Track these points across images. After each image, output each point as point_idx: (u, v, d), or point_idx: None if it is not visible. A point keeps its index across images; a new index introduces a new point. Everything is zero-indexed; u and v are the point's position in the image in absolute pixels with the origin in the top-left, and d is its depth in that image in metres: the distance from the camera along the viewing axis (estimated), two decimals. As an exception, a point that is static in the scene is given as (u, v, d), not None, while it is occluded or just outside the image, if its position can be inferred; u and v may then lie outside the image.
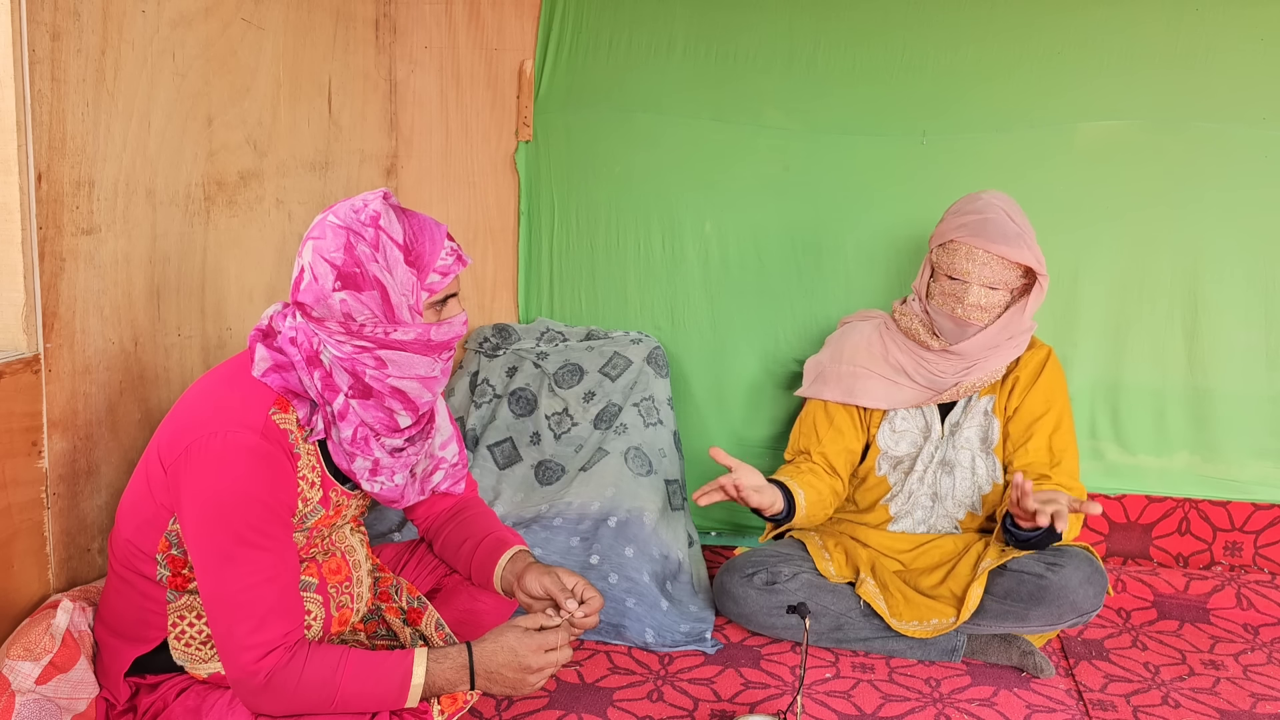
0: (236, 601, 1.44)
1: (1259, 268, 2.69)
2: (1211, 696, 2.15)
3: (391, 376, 1.51)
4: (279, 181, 2.35)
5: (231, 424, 1.45)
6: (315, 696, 1.46)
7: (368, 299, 1.46)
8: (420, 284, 1.50)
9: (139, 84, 1.84)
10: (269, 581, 1.45)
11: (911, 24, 2.77)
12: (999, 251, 2.17)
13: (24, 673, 1.49)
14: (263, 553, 1.45)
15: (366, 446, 1.55)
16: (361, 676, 1.47)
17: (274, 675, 1.44)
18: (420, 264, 1.50)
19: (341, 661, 1.47)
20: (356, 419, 1.53)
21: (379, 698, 1.49)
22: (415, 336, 1.50)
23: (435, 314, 1.55)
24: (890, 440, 2.39)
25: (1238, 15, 2.63)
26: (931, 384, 2.32)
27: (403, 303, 1.48)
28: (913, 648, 2.26)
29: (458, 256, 1.55)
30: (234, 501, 1.43)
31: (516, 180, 2.98)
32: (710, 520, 2.96)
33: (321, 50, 2.52)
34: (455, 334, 1.56)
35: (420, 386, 1.55)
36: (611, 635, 2.29)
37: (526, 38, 2.92)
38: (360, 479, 1.58)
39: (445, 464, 1.75)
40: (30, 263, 1.61)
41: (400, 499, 1.67)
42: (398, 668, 1.49)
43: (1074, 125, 2.73)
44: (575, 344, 2.88)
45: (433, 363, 1.55)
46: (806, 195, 2.85)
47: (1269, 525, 2.71)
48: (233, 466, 1.43)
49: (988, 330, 2.24)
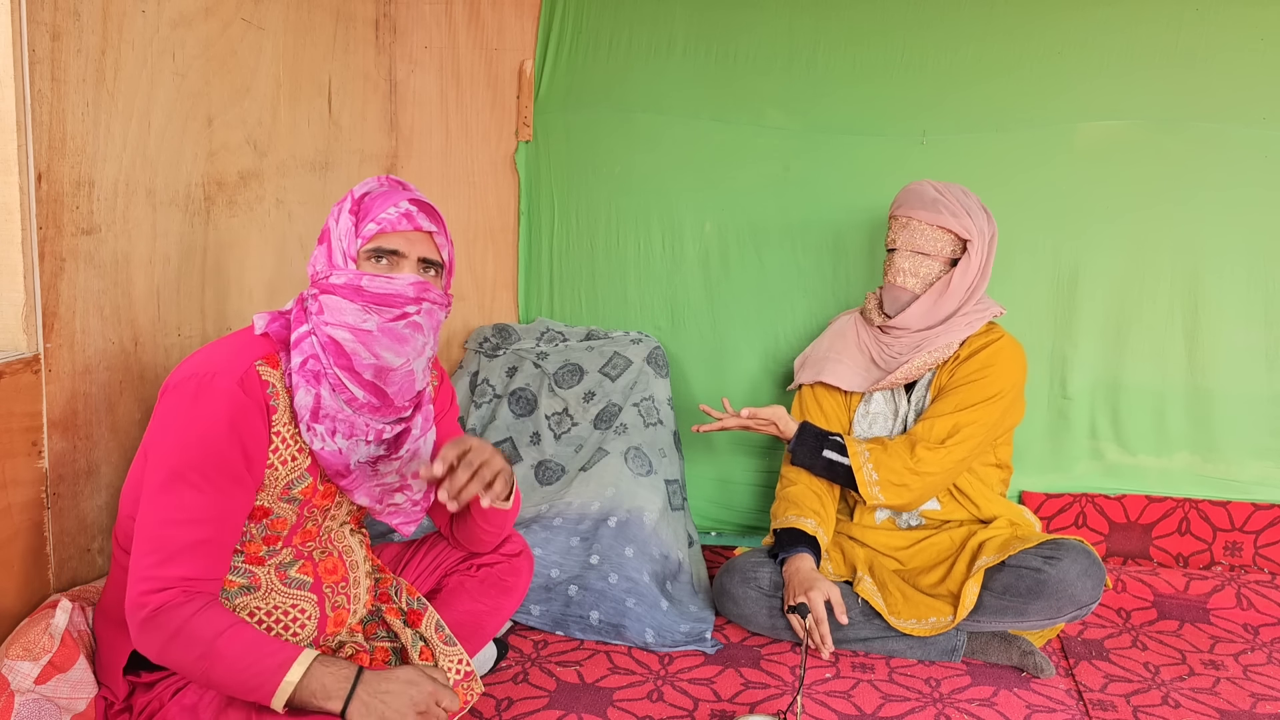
0: (154, 533, 1.44)
1: (1259, 267, 2.70)
2: (1211, 696, 2.15)
3: (328, 324, 1.52)
4: (279, 181, 2.35)
5: (213, 369, 1.48)
6: (188, 652, 1.40)
7: (321, 250, 1.57)
8: (355, 231, 1.54)
9: (139, 84, 1.84)
10: (194, 523, 1.44)
11: (911, 24, 2.77)
12: (918, 216, 2.32)
13: (23, 672, 1.49)
14: (199, 494, 1.44)
15: (315, 380, 1.52)
16: (240, 650, 1.40)
17: (159, 612, 1.41)
18: (363, 213, 1.55)
19: (229, 629, 1.41)
20: (309, 350, 1.53)
21: (247, 680, 1.40)
22: (346, 281, 1.52)
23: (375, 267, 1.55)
24: (864, 424, 2.43)
25: (1238, 15, 2.63)
26: (885, 364, 2.40)
27: (339, 248, 1.54)
28: (912, 648, 2.26)
29: (407, 215, 1.54)
30: (188, 439, 1.44)
31: (516, 180, 2.98)
32: (710, 520, 2.96)
33: (321, 50, 2.52)
34: (393, 290, 1.52)
35: (354, 339, 1.51)
36: (611, 635, 2.29)
37: (526, 38, 2.93)
38: (301, 420, 1.52)
39: (411, 494, 1.68)
40: (30, 263, 1.61)
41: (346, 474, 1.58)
42: (278, 654, 1.40)
43: (1074, 125, 2.73)
44: (575, 344, 2.88)
45: (362, 311, 1.51)
46: (806, 195, 2.86)
47: (1269, 525, 2.71)
48: (199, 406, 1.45)
49: (921, 299, 2.34)
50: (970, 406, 2.27)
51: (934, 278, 2.34)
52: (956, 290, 2.31)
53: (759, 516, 2.95)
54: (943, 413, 2.28)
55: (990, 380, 2.28)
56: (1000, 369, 2.30)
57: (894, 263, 2.36)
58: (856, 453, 2.24)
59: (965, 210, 2.32)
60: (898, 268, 2.35)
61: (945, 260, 2.33)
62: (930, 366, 2.35)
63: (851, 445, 2.28)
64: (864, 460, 2.24)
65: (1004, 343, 2.34)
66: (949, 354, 2.34)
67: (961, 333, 2.33)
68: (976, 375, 2.29)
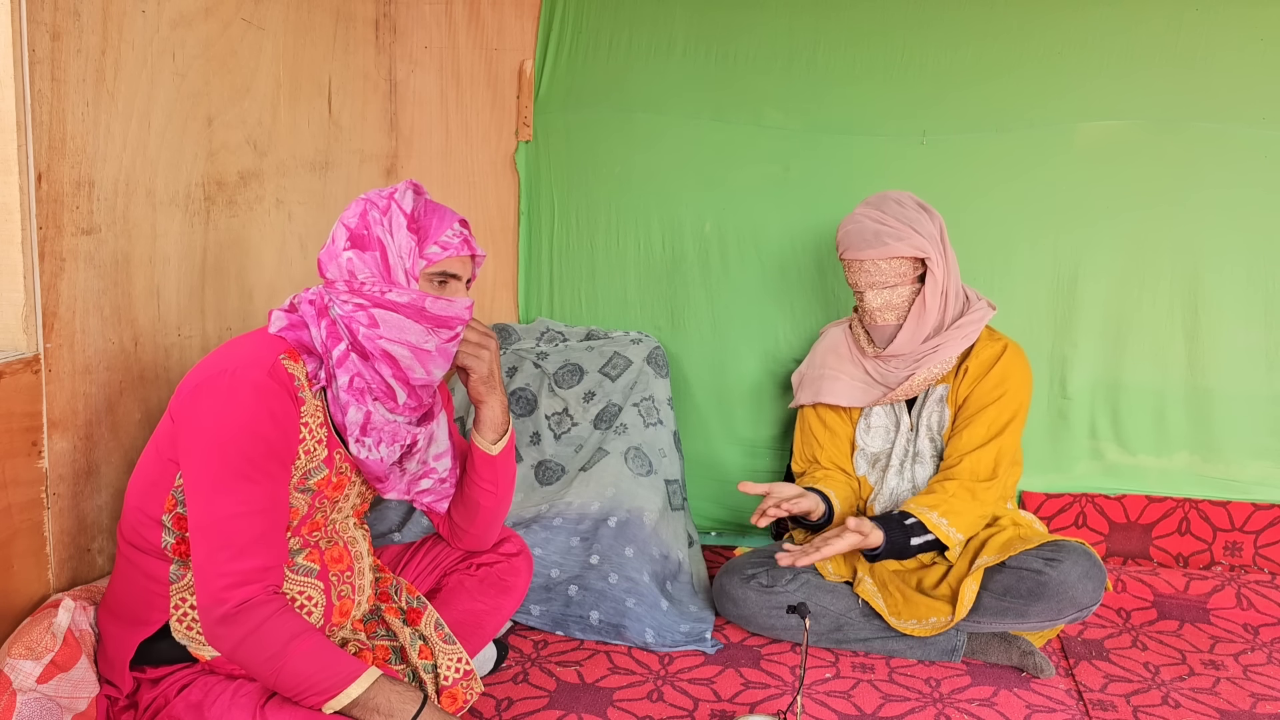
0: (221, 529, 1.45)
1: (1259, 267, 2.70)
2: (1211, 696, 2.15)
3: (383, 338, 1.54)
4: (279, 181, 2.35)
5: (240, 364, 1.49)
6: (263, 652, 1.44)
7: (369, 258, 1.54)
8: (419, 251, 1.55)
9: (139, 84, 1.84)
10: (257, 514, 1.47)
11: (911, 24, 2.77)
12: (868, 255, 2.26)
13: (25, 671, 1.49)
14: (255, 485, 1.47)
15: (362, 397, 1.56)
16: (312, 657, 1.44)
17: (241, 609, 1.43)
18: (423, 233, 1.57)
19: (302, 634, 1.45)
20: (354, 369, 1.55)
21: (312, 685, 1.44)
22: (409, 301, 1.54)
23: (434, 289, 1.58)
24: (865, 437, 2.42)
25: (1238, 15, 2.63)
26: (886, 381, 2.37)
27: (399, 265, 1.54)
28: (913, 648, 2.26)
29: (465, 240, 1.60)
30: (234, 433, 1.46)
31: (516, 180, 2.98)
32: (710, 520, 2.96)
33: (321, 50, 2.52)
34: (453, 313, 1.57)
35: (411, 356, 1.56)
36: (611, 635, 2.29)
37: (526, 38, 2.93)
38: (350, 435, 1.57)
39: (435, 475, 1.75)
40: (30, 263, 1.61)
41: (384, 479, 1.66)
42: (347, 666, 1.46)
43: (1074, 125, 2.73)
44: (575, 344, 2.88)
45: (425, 333, 1.56)
46: (806, 195, 2.86)
47: (1269, 525, 2.71)
48: (236, 399, 1.47)
49: (905, 327, 2.31)
50: (1001, 432, 2.27)
51: (909, 300, 2.30)
52: (932, 305, 2.29)
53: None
54: (978, 443, 2.26)
55: (1009, 397, 2.29)
56: (1015, 383, 2.30)
57: (865, 303, 2.32)
58: (935, 524, 2.19)
59: (910, 227, 2.26)
60: (872, 308, 2.32)
61: (912, 280, 2.29)
62: (933, 380, 2.33)
63: (925, 518, 2.21)
64: (944, 526, 2.20)
65: (1012, 354, 2.33)
66: (949, 368, 2.33)
67: (959, 346, 2.30)
68: (995, 394, 2.29)
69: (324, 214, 2.57)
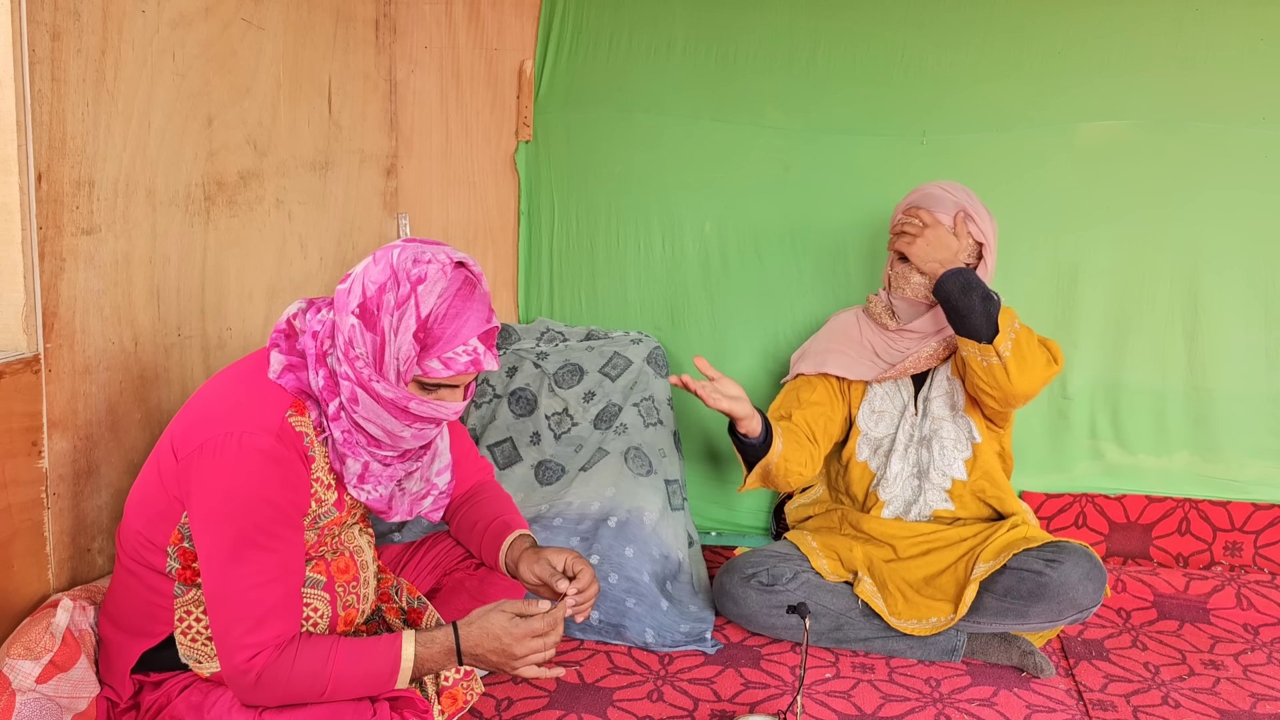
0: (238, 601, 1.44)
1: (1259, 268, 2.70)
2: (1211, 696, 2.15)
3: (359, 415, 1.51)
4: (279, 181, 2.35)
5: (248, 425, 1.45)
6: (308, 687, 1.47)
7: (369, 339, 1.46)
8: (417, 361, 1.46)
9: (139, 84, 1.84)
10: (272, 583, 1.46)
11: (911, 24, 2.77)
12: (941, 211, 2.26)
13: (24, 672, 1.49)
14: (269, 554, 1.46)
15: (356, 450, 1.55)
16: (352, 663, 1.49)
17: (264, 673, 1.45)
18: (428, 345, 1.46)
19: (332, 651, 1.49)
20: (346, 424, 1.53)
21: (370, 682, 1.50)
22: (393, 398, 1.48)
23: (423, 393, 1.51)
24: (870, 421, 2.42)
25: (1238, 15, 2.63)
26: (890, 358, 2.38)
27: (393, 365, 1.47)
28: (913, 648, 2.26)
29: (474, 361, 1.47)
30: (244, 502, 1.44)
31: (516, 180, 2.98)
32: (710, 520, 2.96)
33: (321, 50, 2.52)
34: (438, 415, 1.52)
35: (385, 435, 1.54)
36: (611, 635, 2.29)
37: (526, 38, 2.93)
38: (349, 483, 1.57)
39: (436, 490, 1.74)
40: (30, 263, 1.61)
41: (388, 510, 1.65)
42: (388, 652, 1.51)
43: (1074, 125, 2.73)
44: (575, 344, 2.88)
45: (403, 426, 1.52)
46: (806, 195, 2.86)
47: (1269, 525, 2.71)
48: (245, 467, 1.44)
49: (936, 308, 2.30)
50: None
51: None
52: None
53: (759, 516, 2.95)
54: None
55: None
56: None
57: (908, 276, 2.31)
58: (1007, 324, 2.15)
59: (978, 212, 2.29)
60: (915, 282, 2.31)
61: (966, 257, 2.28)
62: (940, 357, 2.34)
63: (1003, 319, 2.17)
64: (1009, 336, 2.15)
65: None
66: (952, 349, 2.33)
67: None
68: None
69: (324, 214, 2.57)
